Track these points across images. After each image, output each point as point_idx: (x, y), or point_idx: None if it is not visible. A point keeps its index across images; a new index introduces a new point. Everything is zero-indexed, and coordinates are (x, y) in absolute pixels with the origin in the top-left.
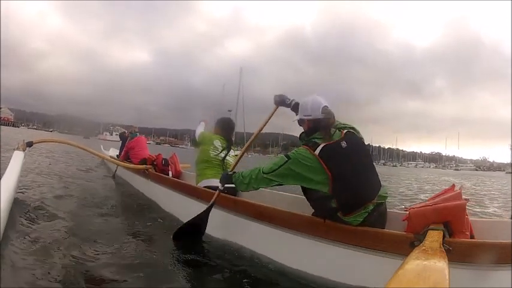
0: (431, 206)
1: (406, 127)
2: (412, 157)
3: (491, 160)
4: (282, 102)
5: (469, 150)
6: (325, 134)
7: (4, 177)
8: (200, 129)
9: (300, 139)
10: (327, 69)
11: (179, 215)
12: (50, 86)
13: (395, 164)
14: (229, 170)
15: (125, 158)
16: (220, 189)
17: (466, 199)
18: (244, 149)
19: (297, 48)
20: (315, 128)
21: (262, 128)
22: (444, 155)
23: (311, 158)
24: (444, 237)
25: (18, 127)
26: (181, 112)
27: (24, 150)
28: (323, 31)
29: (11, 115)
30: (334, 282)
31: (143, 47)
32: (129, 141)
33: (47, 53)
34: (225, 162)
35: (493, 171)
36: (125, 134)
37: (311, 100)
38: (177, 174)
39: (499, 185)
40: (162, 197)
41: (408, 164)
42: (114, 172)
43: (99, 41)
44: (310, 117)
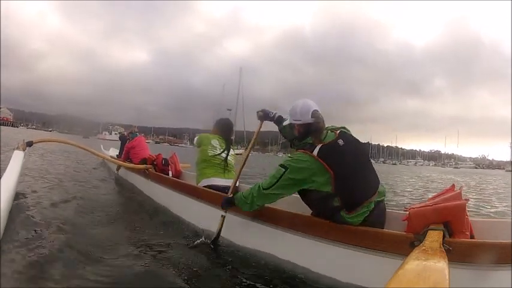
0: (431, 206)
1: (406, 126)
2: (411, 155)
3: (490, 158)
4: (265, 117)
5: (468, 148)
6: (315, 138)
7: (4, 177)
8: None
9: (292, 145)
10: (326, 69)
11: (180, 214)
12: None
13: (394, 162)
14: (230, 192)
15: (126, 159)
16: (223, 215)
17: (466, 199)
18: (243, 162)
19: (296, 48)
20: (305, 133)
21: (254, 144)
22: (443, 153)
23: (310, 161)
24: (444, 237)
25: (17, 127)
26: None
27: (24, 150)
28: (322, 31)
29: (10, 115)
30: (335, 282)
31: (143, 47)
32: (129, 141)
33: (47, 53)
34: (228, 162)
35: (492, 169)
36: (124, 135)
37: (301, 104)
38: (177, 174)
39: (503, 183)
40: (162, 196)
41: (408, 162)
42: (117, 172)
43: (99, 41)
44: (300, 121)
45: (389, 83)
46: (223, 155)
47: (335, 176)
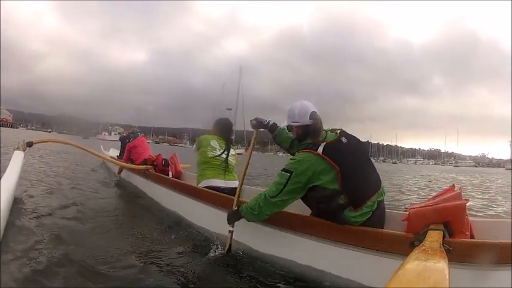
0: (431, 206)
1: (405, 124)
2: (411, 154)
3: (490, 156)
4: (259, 125)
5: (468, 147)
6: (314, 139)
7: (4, 177)
8: None
9: (291, 146)
10: (325, 68)
11: (180, 214)
12: (48, 86)
13: (394, 161)
14: (234, 206)
15: (128, 160)
16: (231, 230)
17: (466, 199)
18: (244, 172)
19: (294, 47)
20: (304, 134)
21: (251, 153)
22: (443, 151)
23: (313, 159)
24: (444, 237)
25: (16, 128)
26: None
27: (24, 150)
28: (320, 30)
29: (10, 116)
30: (335, 282)
31: (141, 47)
32: (131, 141)
33: (45, 53)
34: (228, 163)
35: (492, 168)
36: (125, 136)
37: (299, 106)
38: (177, 175)
39: (506, 181)
40: (162, 197)
41: (408, 161)
42: (119, 175)
43: (97, 41)
44: (299, 123)
45: (388, 82)
46: (223, 156)
47: (341, 173)
